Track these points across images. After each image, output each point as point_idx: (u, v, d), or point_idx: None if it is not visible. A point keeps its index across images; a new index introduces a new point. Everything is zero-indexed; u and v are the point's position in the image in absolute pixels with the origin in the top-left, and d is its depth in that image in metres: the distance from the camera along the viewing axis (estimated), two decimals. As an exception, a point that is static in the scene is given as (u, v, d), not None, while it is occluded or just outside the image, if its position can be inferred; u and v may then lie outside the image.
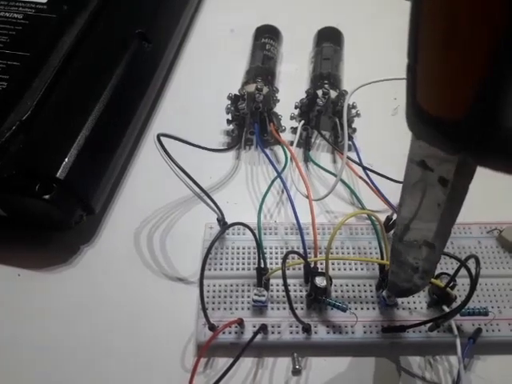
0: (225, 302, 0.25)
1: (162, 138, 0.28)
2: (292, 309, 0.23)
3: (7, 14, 0.32)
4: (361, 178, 0.29)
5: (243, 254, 0.27)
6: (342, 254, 0.27)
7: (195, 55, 0.39)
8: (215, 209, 0.28)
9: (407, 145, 0.34)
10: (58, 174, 0.25)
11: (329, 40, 0.36)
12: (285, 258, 0.22)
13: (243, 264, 0.27)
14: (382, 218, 0.27)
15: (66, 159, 0.26)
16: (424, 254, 0.19)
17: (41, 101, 0.28)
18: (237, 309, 0.25)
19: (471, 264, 0.22)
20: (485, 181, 0.29)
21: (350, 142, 0.31)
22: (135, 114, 0.31)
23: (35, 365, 0.24)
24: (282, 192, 0.31)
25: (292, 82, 0.36)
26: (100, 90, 0.29)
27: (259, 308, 0.25)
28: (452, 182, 0.16)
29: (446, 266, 0.26)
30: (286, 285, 0.22)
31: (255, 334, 0.23)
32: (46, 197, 0.25)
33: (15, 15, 0.32)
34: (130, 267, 0.27)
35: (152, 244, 0.28)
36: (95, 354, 0.25)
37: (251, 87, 0.31)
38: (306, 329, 0.24)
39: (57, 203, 0.25)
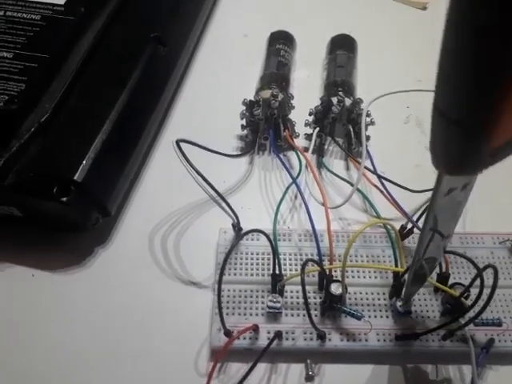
0: (239, 308, 0.25)
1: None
2: (309, 316, 0.23)
3: (24, 15, 0.32)
4: (375, 186, 0.30)
5: (257, 259, 0.27)
6: (356, 261, 0.27)
7: (209, 60, 0.39)
8: (230, 214, 0.28)
9: (419, 153, 0.34)
10: (75, 177, 0.25)
11: (342, 47, 0.36)
12: (304, 266, 0.22)
13: (257, 270, 0.27)
14: (396, 225, 0.27)
15: (84, 162, 0.26)
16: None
17: (59, 103, 0.28)
18: (251, 314, 0.25)
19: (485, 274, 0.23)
20: (497, 192, 0.29)
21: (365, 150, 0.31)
22: (151, 118, 0.31)
23: (48, 365, 0.24)
24: (296, 198, 0.31)
25: (304, 89, 0.36)
26: (117, 94, 0.29)
27: (274, 314, 0.25)
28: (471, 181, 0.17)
29: (458, 275, 0.26)
30: (304, 292, 0.22)
31: (271, 341, 0.23)
32: (64, 199, 0.25)
33: (32, 16, 0.32)
34: (143, 270, 0.28)
35: (166, 247, 0.29)
36: (108, 356, 0.25)
37: (266, 93, 0.32)
38: (321, 336, 0.24)
39: (74, 206, 0.25)
